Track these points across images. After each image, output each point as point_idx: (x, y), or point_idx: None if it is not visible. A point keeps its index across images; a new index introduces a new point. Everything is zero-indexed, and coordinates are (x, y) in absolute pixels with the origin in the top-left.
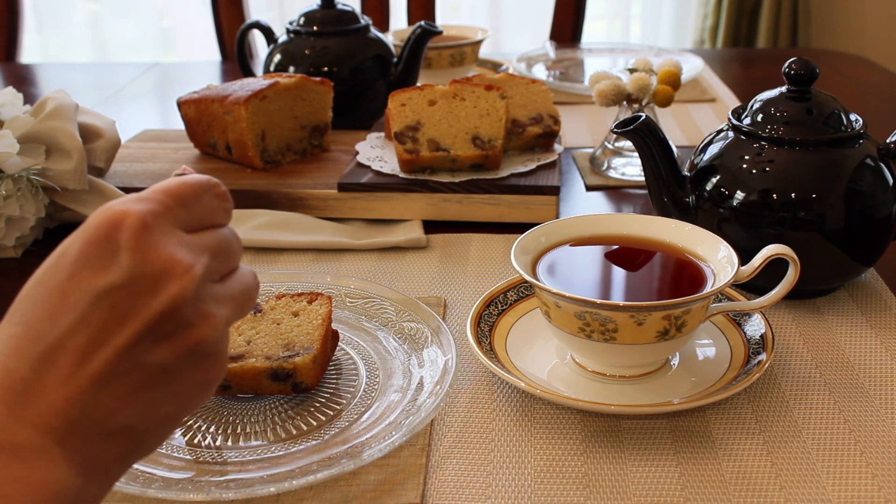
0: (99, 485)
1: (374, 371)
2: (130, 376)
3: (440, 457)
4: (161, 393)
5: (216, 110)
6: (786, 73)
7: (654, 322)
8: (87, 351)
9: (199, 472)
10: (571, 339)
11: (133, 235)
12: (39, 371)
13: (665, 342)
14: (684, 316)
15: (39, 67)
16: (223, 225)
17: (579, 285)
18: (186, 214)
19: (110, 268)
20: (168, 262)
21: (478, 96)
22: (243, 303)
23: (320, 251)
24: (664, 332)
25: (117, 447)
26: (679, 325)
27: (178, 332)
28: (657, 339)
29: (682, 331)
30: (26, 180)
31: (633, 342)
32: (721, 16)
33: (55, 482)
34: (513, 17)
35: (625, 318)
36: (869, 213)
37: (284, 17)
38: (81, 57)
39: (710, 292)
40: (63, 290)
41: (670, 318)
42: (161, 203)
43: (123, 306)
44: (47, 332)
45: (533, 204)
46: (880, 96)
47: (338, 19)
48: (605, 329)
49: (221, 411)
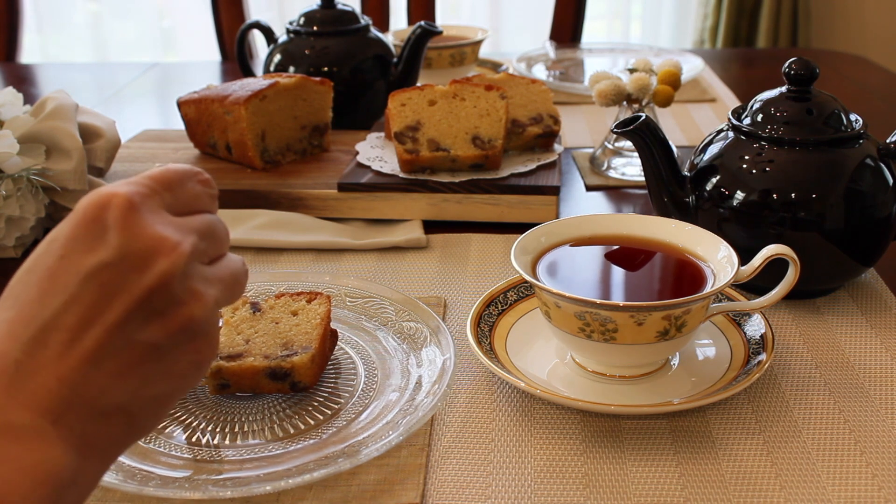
0: (95, 465)
1: (372, 370)
2: (122, 354)
3: (440, 457)
4: (153, 371)
5: (216, 110)
6: (786, 73)
7: (655, 322)
8: (78, 330)
9: (197, 470)
10: (571, 338)
11: (121, 215)
12: (31, 352)
13: (665, 342)
14: (684, 316)
15: (39, 67)
16: (210, 211)
17: (579, 285)
18: (172, 198)
19: (99, 247)
20: (156, 239)
21: (478, 96)
22: (232, 286)
23: (320, 251)
24: (664, 332)
25: (112, 427)
26: (679, 325)
27: (169, 310)
28: (657, 339)
29: (682, 331)
30: (26, 180)
31: (634, 342)
32: (721, 16)
33: (50, 462)
34: (513, 17)
35: (625, 318)
36: (869, 213)
37: (284, 17)
38: (81, 57)
39: (710, 292)
40: (53, 272)
41: (670, 319)
42: (147, 186)
43: (113, 284)
44: (38, 313)
45: (533, 204)
46: (880, 96)
47: (338, 19)
48: (605, 329)
49: (220, 410)
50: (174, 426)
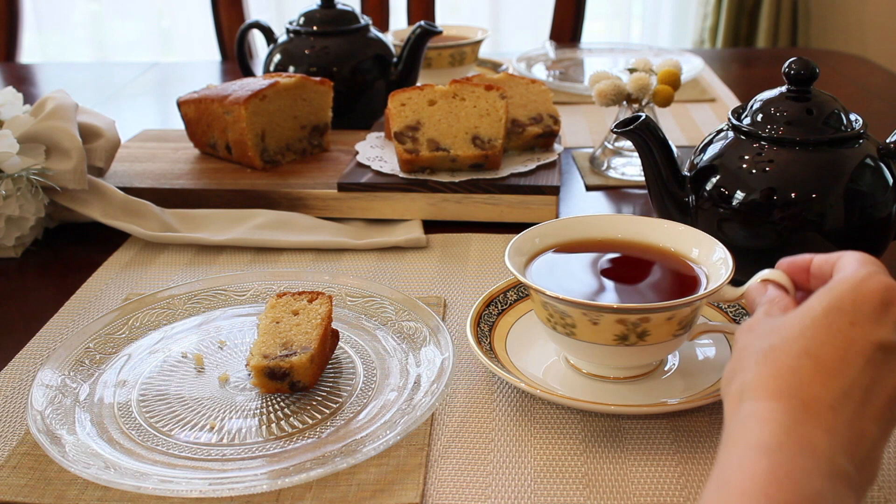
0: None
1: (371, 370)
2: None
3: (439, 456)
4: None
5: (216, 110)
6: (786, 73)
7: (609, 325)
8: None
9: (195, 468)
10: (545, 330)
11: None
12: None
13: (627, 347)
14: (643, 324)
15: (39, 67)
16: None
17: (566, 285)
18: None
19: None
20: None
21: (478, 96)
22: None
23: (320, 251)
24: (622, 337)
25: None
26: (640, 333)
27: None
28: (616, 342)
29: (644, 339)
30: (26, 180)
31: (592, 341)
32: (721, 16)
33: None
34: (513, 17)
35: (579, 314)
36: (869, 213)
37: (284, 17)
38: (81, 57)
39: (662, 306)
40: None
41: (626, 324)
42: None
43: None
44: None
45: (533, 204)
46: (880, 96)
47: (338, 19)
48: (564, 323)
49: (219, 409)
50: (173, 425)
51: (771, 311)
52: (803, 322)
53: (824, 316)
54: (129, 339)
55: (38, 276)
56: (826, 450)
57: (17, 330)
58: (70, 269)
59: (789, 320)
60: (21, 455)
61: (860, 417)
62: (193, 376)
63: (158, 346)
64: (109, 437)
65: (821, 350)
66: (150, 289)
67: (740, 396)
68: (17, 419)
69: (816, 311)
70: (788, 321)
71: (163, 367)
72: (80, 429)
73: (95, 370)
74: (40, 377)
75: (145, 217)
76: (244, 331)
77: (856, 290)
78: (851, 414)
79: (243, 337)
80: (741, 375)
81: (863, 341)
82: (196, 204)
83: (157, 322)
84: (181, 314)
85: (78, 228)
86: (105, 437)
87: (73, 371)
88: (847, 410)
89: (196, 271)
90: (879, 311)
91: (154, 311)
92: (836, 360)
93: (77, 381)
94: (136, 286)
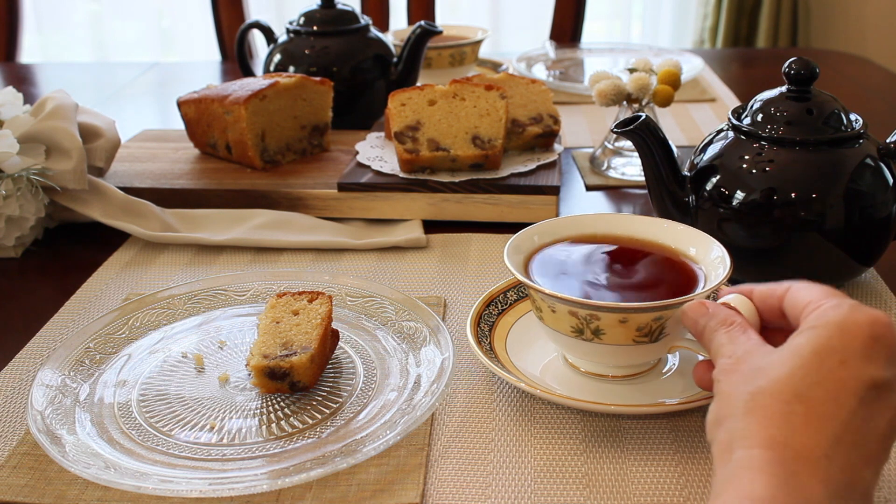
0: None
1: (371, 370)
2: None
3: (439, 456)
4: None
5: (216, 110)
6: (786, 73)
7: (564, 315)
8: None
9: (195, 468)
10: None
11: None
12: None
13: (581, 341)
14: (595, 322)
15: (39, 67)
16: None
17: (564, 283)
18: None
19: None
20: None
21: (478, 96)
22: None
23: (320, 251)
24: (578, 330)
25: None
26: (593, 330)
27: None
28: (573, 334)
29: (599, 337)
30: (26, 180)
31: (556, 329)
32: (721, 15)
33: None
34: (513, 17)
35: (544, 304)
36: (869, 213)
37: (284, 17)
38: (81, 57)
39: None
40: (840, 377)
41: (577, 315)
42: None
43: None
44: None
45: (533, 204)
46: (880, 96)
47: (338, 19)
48: (538, 310)
49: (219, 409)
50: (173, 425)
51: (732, 334)
52: (792, 362)
53: (813, 355)
54: (129, 339)
55: (38, 276)
56: (821, 501)
57: (17, 330)
58: (70, 269)
59: (776, 360)
60: (21, 455)
61: (854, 462)
62: (193, 376)
63: (158, 346)
64: (109, 437)
65: (811, 392)
66: (150, 289)
67: (729, 445)
68: (17, 419)
69: (804, 350)
70: (775, 361)
71: (163, 367)
72: (81, 429)
73: (95, 370)
74: (40, 377)
75: (145, 217)
76: (244, 331)
77: (842, 326)
78: (845, 460)
79: (243, 337)
80: (729, 422)
81: (854, 381)
82: (196, 204)
83: (157, 322)
84: (181, 314)
85: (78, 228)
86: (105, 437)
87: (73, 371)
88: (841, 457)
89: (196, 271)
90: (869, 347)
91: (154, 311)
92: (827, 403)
93: (77, 381)
94: (136, 286)
